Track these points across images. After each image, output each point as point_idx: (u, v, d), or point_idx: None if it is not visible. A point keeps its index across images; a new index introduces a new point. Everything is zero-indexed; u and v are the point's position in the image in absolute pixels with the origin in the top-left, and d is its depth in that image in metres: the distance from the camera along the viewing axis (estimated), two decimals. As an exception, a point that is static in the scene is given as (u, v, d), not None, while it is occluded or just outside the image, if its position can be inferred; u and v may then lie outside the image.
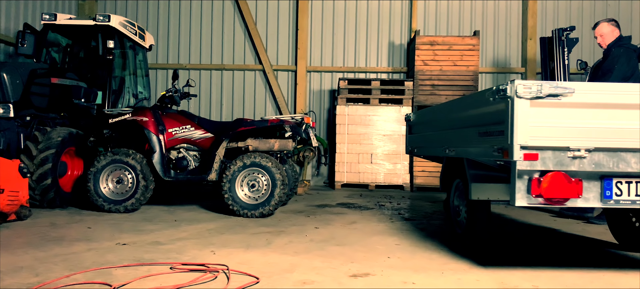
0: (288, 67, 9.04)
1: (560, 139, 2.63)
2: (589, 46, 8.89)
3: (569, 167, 2.63)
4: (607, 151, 2.63)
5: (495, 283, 2.67)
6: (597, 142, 2.62)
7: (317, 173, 8.96)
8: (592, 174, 2.67)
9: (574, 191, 2.62)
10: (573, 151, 2.63)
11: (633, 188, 2.67)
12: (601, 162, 2.63)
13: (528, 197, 2.66)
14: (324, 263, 3.08)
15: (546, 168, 2.63)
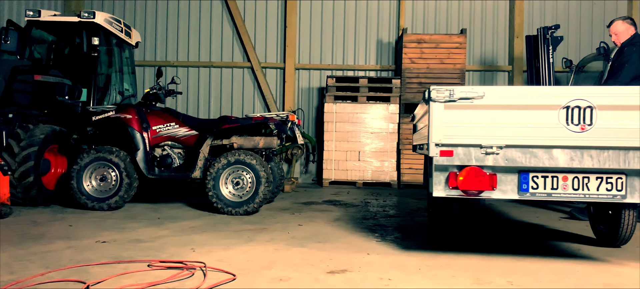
0: (276, 64, 9.03)
1: (473, 138, 2.90)
2: (575, 44, 8.96)
3: (485, 162, 2.89)
4: (518, 148, 2.86)
5: (470, 280, 2.70)
6: (509, 140, 2.86)
7: (306, 171, 8.97)
8: (509, 168, 2.90)
9: (488, 183, 2.89)
10: (485, 148, 2.88)
11: (549, 182, 2.87)
12: (514, 158, 2.87)
13: (446, 189, 2.96)
14: (303, 260, 3.10)
15: (463, 163, 2.91)
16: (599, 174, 2.83)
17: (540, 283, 2.64)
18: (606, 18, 9.02)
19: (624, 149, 2.76)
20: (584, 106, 2.78)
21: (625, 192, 2.81)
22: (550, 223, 4.67)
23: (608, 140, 2.76)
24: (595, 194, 2.84)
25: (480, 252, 3.38)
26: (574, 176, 2.86)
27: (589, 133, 2.77)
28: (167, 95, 5.68)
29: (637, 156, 2.74)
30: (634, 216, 3.36)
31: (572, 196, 2.88)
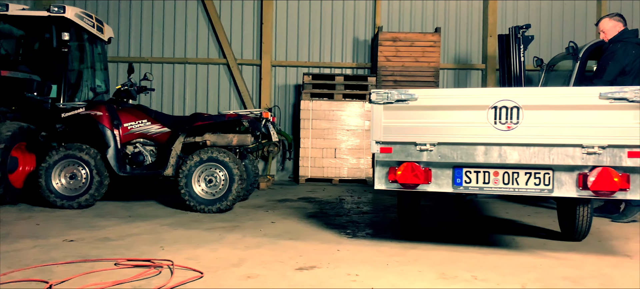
0: (253, 61, 8.99)
1: (409, 136, 3.17)
2: (547, 43, 9.15)
3: (421, 158, 3.15)
4: (450, 145, 3.08)
5: (436, 274, 2.74)
6: (441, 138, 3.09)
7: (282, 168, 8.96)
8: (444, 164, 3.13)
9: (424, 178, 3.13)
10: (420, 145, 3.13)
11: (481, 177, 3.08)
12: (447, 154, 3.10)
13: (386, 183, 3.23)
14: (273, 257, 3.10)
15: (401, 159, 3.18)
16: (527, 169, 2.99)
17: (503, 276, 2.70)
18: (576, 18, 9.24)
19: (548, 146, 2.91)
20: (511, 106, 2.96)
21: (552, 187, 2.96)
22: (521, 218, 4.77)
23: (533, 138, 2.93)
24: (524, 188, 3.01)
25: (449, 247, 3.44)
26: (504, 171, 3.03)
27: (514, 131, 2.95)
28: (139, 92, 5.61)
29: (562, 153, 2.89)
30: (588, 211, 3.46)
31: (503, 190, 3.05)
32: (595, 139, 2.84)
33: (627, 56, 4.60)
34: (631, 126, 2.79)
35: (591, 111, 2.87)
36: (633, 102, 2.77)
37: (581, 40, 8.80)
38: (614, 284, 2.59)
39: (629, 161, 2.80)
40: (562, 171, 2.95)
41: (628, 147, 2.80)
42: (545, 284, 2.57)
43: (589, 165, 2.88)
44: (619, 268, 2.92)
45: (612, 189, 2.80)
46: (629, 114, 2.79)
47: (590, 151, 2.85)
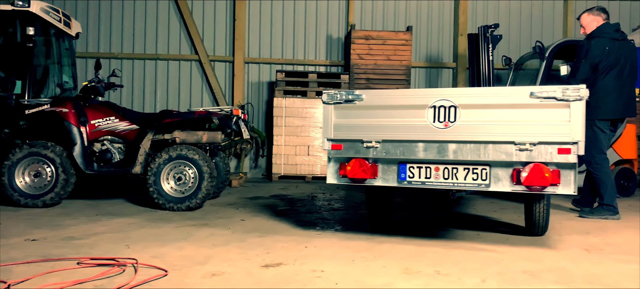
0: (225, 58, 8.93)
1: (356, 134, 3.36)
2: (516, 43, 9.34)
3: (368, 154, 3.33)
4: (394, 142, 3.26)
5: (400, 269, 2.78)
6: (386, 136, 3.27)
7: (255, 165, 8.93)
8: (389, 160, 3.31)
9: (371, 173, 3.31)
10: (366, 142, 3.31)
11: (423, 172, 3.25)
12: (391, 151, 3.28)
13: (338, 178, 3.44)
14: (240, 255, 3.10)
15: (350, 155, 3.37)
16: (466, 165, 3.14)
17: (464, 271, 2.76)
18: (544, 18, 9.46)
19: (483, 143, 3.06)
20: (448, 105, 3.12)
21: (489, 182, 3.09)
22: (488, 213, 4.87)
23: (469, 135, 3.08)
24: (463, 183, 3.16)
25: (416, 242, 3.49)
26: (444, 166, 3.20)
27: (451, 129, 3.11)
28: (107, 88, 5.52)
29: (496, 149, 3.03)
30: (544, 206, 3.56)
31: (443, 185, 3.21)
32: (527, 136, 2.97)
33: (598, 52, 4.58)
34: (560, 124, 2.91)
35: (523, 110, 3.00)
36: (561, 101, 2.90)
37: (549, 39, 9.04)
38: (570, 277, 2.67)
39: (559, 157, 2.92)
40: (498, 166, 3.08)
41: (558, 144, 2.92)
42: (504, 278, 2.64)
43: (522, 161, 3.00)
44: (576, 262, 3.02)
45: (544, 183, 2.92)
46: (558, 112, 2.92)
47: (522, 147, 2.97)
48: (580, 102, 2.87)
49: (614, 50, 4.61)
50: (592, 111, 4.62)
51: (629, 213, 5.07)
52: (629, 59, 4.69)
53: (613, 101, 4.65)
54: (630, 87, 4.75)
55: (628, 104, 4.74)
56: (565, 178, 2.95)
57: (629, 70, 4.69)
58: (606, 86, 4.64)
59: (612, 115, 4.68)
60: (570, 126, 2.90)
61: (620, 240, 3.71)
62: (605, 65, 4.61)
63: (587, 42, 4.71)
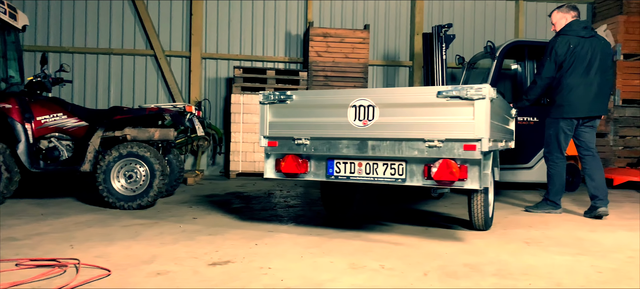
0: (182, 53, 8.79)
1: (289, 131, 3.57)
2: (470, 42, 9.59)
3: (300, 151, 3.52)
4: (322, 140, 3.46)
5: (346, 265, 2.83)
6: (314, 133, 3.47)
7: (213, 163, 8.84)
8: (319, 156, 3.50)
9: (302, 168, 3.52)
10: (297, 140, 3.51)
11: (348, 167, 3.43)
12: (319, 147, 3.47)
13: (274, 172, 3.65)
14: (188, 253, 3.08)
15: (285, 152, 3.58)
16: (384, 161, 3.31)
17: (409, 265, 2.83)
18: (497, 18, 9.75)
19: (398, 140, 3.22)
20: (366, 104, 3.30)
21: (405, 177, 3.26)
22: (440, 209, 5.00)
23: (385, 133, 3.25)
24: (382, 177, 3.33)
25: (366, 237, 3.55)
26: (366, 162, 3.37)
27: (369, 127, 3.29)
28: (55, 83, 5.34)
29: (409, 146, 3.20)
30: (480, 201, 3.68)
31: (366, 179, 3.38)
32: (436, 133, 3.12)
33: (562, 50, 4.54)
34: (465, 121, 3.05)
35: (432, 108, 3.15)
36: (466, 100, 3.04)
37: (502, 39, 9.33)
38: (508, 269, 2.78)
39: (465, 153, 3.06)
40: (413, 162, 3.24)
41: (463, 141, 3.06)
42: (446, 271, 2.72)
43: (432, 157, 3.14)
44: (515, 255, 3.15)
45: (452, 178, 3.07)
46: (463, 111, 3.06)
47: (431, 144, 3.12)
48: (483, 100, 3.00)
49: (580, 47, 4.52)
50: (557, 109, 4.67)
51: (572, 206, 5.30)
52: (598, 56, 4.56)
53: (578, 100, 4.57)
54: (600, 85, 4.60)
55: (595, 102, 4.59)
56: (472, 173, 3.09)
57: (599, 68, 4.57)
58: (571, 84, 4.57)
59: (576, 113, 4.61)
60: (475, 124, 3.03)
61: (559, 233, 3.89)
62: (571, 63, 4.54)
63: (553, 39, 4.68)
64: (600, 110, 4.65)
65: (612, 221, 4.50)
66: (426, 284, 2.49)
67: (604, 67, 4.62)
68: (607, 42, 4.74)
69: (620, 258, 3.09)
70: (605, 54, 4.63)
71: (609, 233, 3.93)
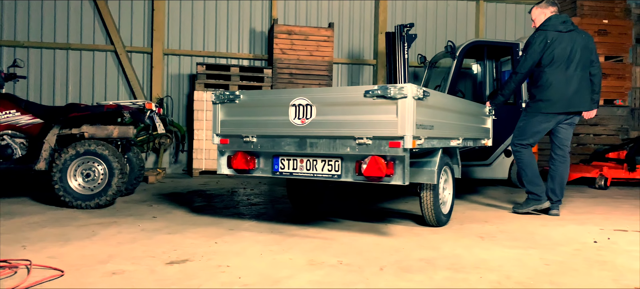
0: (143, 49, 8.62)
1: (239, 130, 3.75)
2: (433, 41, 9.78)
3: (249, 148, 3.70)
4: (267, 137, 3.62)
5: (305, 261, 2.86)
6: (260, 131, 3.65)
7: (175, 161, 8.72)
8: (266, 153, 3.68)
9: (251, 165, 3.70)
10: (244, 137, 3.70)
11: (291, 163, 3.61)
12: (265, 144, 3.64)
13: (227, 168, 3.81)
14: (145, 252, 3.04)
15: (235, 149, 3.75)
16: (323, 157, 3.47)
17: (366, 260, 2.88)
18: (458, 18, 9.97)
19: (332, 138, 3.37)
20: (305, 103, 3.46)
21: (341, 173, 3.41)
22: (404, 206, 5.09)
23: (321, 131, 3.41)
24: (320, 173, 3.49)
25: (327, 234, 3.59)
26: (307, 159, 3.54)
27: (307, 125, 3.45)
28: (8, 79, 5.16)
29: (342, 144, 3.33)
30: (429, 198, 3.78)
31: (307, 175, 3.54)
32: (365, 131, 3.24)
33: (539, 46, 4.48)
34: (390, 120, 3.17)
35: (361, 107, 3.27)
36: (389, 99, 3.15)
37: (463, 39, 9.55)
38: (461, 263, 2.87)
39: (391, 150, 3.18)
40: (347, 159, 3.39)
41: (389, 138, 3.17)
42: (401, 266, 2.79)
43: (363, 154, 3.27)
44: (469, 249, 3.25)
45: (380, 174, 3.18)
46: (388, 109, 3.17)
47: (361, 142, 3.25)
48: (405, 99, 3.11)
49: (558, 42, 4.45)
50: (535, 104, 4.60)
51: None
52: (579, 50, 4.47)
53: (557, 95, 4.48)
54: (580, 80, 4.51)
55: (575, 98, 4.49)
56: (399, 170, 3.20)
57: (580, 63, 4.49)
58: (549, 80, 4.49)
59: (554, 109, 4.52)
60: (398, 122, 3.14)
61: (513, 227, 4.03)
62: (549, 59, 4.47)
63: (531, 35, 4.62)
64: (579, 106, 4.54)
65: (563, 215, 4.69)
66: (381, 278, 2.54)
67: (586, 62, 4.52)
68: (589, 37, 4.61)
69: (567, 251, 3.23)
70: (587, 49, 4.53)
71: (559, 227, 4.10)
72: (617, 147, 8.31)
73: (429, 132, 3.44)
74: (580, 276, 2.66)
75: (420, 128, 3.27)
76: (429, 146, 3.47)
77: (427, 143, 3.42)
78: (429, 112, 3.44)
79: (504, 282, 2.52)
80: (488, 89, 7.89)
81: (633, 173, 7.54)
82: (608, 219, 4.54)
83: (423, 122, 3.33)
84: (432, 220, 3.91)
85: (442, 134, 3.72)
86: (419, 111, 3.26)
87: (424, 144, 3.34)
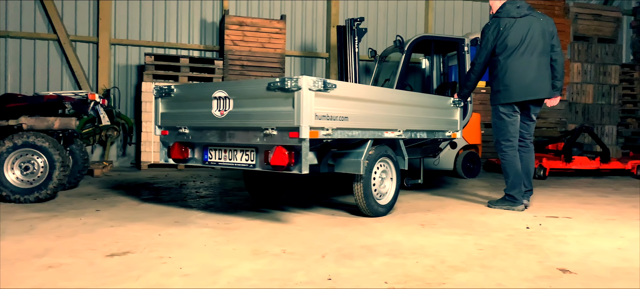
0: (89, 38, 8.33)
1: (174, 122, 3.97)
2: (384, 36, 9.95)
3: (183, 139, 3.93)
4: (196, 129, 3.84)
5: (249, 251, 2.89)
6: (191, 123, 3.85)
7: (123, 153, 8.50)
8: (198, 143, 3.89)
9: (185, 154, 3.92)
10: (180, 128, 3.90)
11: (217, 153, 3.80)
12: (195, 135, 3.85)
13: (166, 158, 4.03)
14: (86, 245, 2.98)
15: (173, 140, 3.99)
16: (241, 147, 3.64)
17: (310, 249, 2.95)
18: (408, 13, 10.19)
19: (245, 129, 3.54)
20: (223, 96, 3.62)
21: (255, 162, 3.57)
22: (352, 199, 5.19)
23: (237, 122, 3.57)
24: (240, 163, 3.66)
25: (273, 225, 3.63)
26: (229, 148, 3.72)
27: (226, 117, 3.62)
28: (-63, 67, 4.88)
29: (255, 134, 3.49)
30: (360, 188, 3.85)
31: (229, 164, 3.73)
32: (271, 122, 3.37)
33: (492, 34, 4.36)
34: (288, 111, 3.29)
35: (266, 99, 3.40)
36: (287, 91, 3.27)
37: (413, 33, 9.77)
38: (400, 249, 2.98)
39: (291, 140, 3.30)
40: (261, 149, 3.53)
41: (289, 129, 3.30)
42: (343, 253, 2.87)
43: (271, 144, 3.41)
44: (409, 236, 3.37)
45: (284, 163, 3.31)
46: (287, 101, 3.30)
47: (267, 133, 3.38)
48: (300, 91, 3.19)
49: (513, 29, 4.29)
50: (494, 96, 4.48)
51: (471, 190, 5.73)
52: (535, 35, 4.31)
53: (515, 84, 4.32)
54: (539, 66, 4.34)
55: (534, 85, 4.33)
56: (299, 159, 3.31)
57: (539, 48, 4.33)
58: (505, 67, 4.35)
59: (513, 98, 4.35)
60: (294, 113, 3.23)
61: (453, 216, 4.20)
62: (503, 46, 4.33)
63: (487, 25, 4.49)
64: (538, 93, 4.37)
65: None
66: (322, 265, 2.61)
67: (545, 47, 4.35)
68: (548, 20, 4.44)
69: (500, 237, 3.41)
70: (546, 33, 4.36)
71: (496, 215, 4.30)
72: (555, 140, 8.77)
73: (341, 123, 3.52)
74: (509, 259, 2.83)
75: (324, 119, 3.35)
76: (345, 136, 3.57)
77: (341, 134, 3.52)
78: (339, 103, 3.50)
79: (438, 266, 2.64)
80: (435, 83, 8.12)
81: (569, 164, 7.98)
82: (542, 207, 4.80)
83: (330, 114, 3.42)
84: (365, 210, 3.96)
85: (365, 125, 3.76)
86: (322, 102, 3.35)
87: (333, 134, 3.44)
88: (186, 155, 3.91)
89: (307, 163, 3.30)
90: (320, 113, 3.32)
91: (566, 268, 2.66)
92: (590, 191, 6.15)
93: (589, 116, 10.53)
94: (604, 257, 2.91)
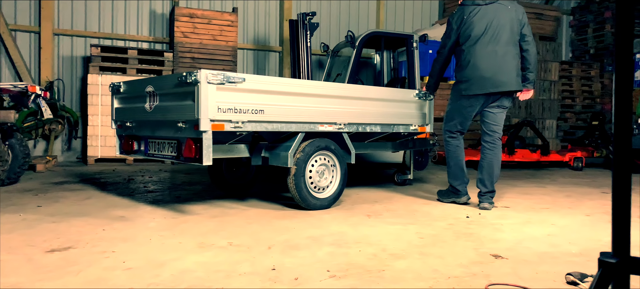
0: (30, 28, 7.98)
1: (123, 116, 4.26)
2: (336, 31, 10.05)
3: (131, 132, 4.20)
4: (137, 122, 4.09)
5: (195, 244, 2.90)
6: (134, 118, 4.10)
7: (68, 148, 8.22)
8: (140, 136, 4.11)
9: (132, 147, 4.18)
10: (127, 123, 4.19)
11: (154, 145, 3.97)
12: (137, 129, 4.12)
13: (120, 151, 4.36)
14: (25, 241, 2.90)
15: (123, 133, 4.30)
16: (167, 140, 3.79)
17: (256, 241, 2.98)
18: (360, 10, 10.33)
19: (167, 122, 3.67)
20: (152, 91, 3.80)
21: (177, 154, 3.68)
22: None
23: (161, 115, 3.73)
24: (167, 154, 3.82)
25: (221, 219, 3.63)
26: (159, 141, 3.90)
27: (153, 111, 3.80)
28: None
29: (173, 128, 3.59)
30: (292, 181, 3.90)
31: (159, 155, 3.91)
32: (183, 116, 3.46)
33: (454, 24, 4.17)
34: (190, 105, 3.35)
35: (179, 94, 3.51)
36: (190, 85, 3.32)
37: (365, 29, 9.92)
38: (345, 239, 3.07)
39: (197, 133, 3.39)
40: (181, 142, 3.60)
41: (193, 122, 3.38)
42: (289, 244, 2.92)
43: (184, 137, 3.53)
44: (356, 226, 3.47)
45: (191, 156, 3.43)
46: (191, 95, 3.35)
47: (180, 126, 3.50)
48: (199, 85, 3.26)
49: (478, 17, 4.06)
50: (456, 86, 4.28)
51: (418, 182, 5.91)
52: (502, 24, 4.07)
53: (478, 75, 4.08)
54: (505, 57, 4.08)
55: (498, 77, 4.07)
56: (204, 152, 3.38)
57: (506, 38, 4.08)
58: (469, 58, 4.12)
59: (476, 90, 4.11)
60: (195, 106, 3.30)
61: (398, 206, 4.34)
62: (467, 35, 4.10)
63: (451, 15, 4.27)
64: (505, 85, 4.09)
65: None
66: (267, 256, 2.65)
67: (513, 36, 4.11)
68: (518, 8, 4.18)
69: (441, 226, 3.57)
70: (515, 22, 4.10)
71: (440, 205, 4.48)
72: (499, 133, 9.14)
73: (255, 116, 3.57)
74: (447, 246, 2.97)
75: (230, 112, 3.42)
76: (263, 129, 3.65)
77: (256, 127, 3.60)
78: (251, 96, 3.55)
79: (380, 254, 2.74)
80: (386, 77, 8.29)
81: (512, 157, 8.36)
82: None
83: (239, 107, 3.48)
84: (299, 202, 3.99)
85: (290, 118, 3.78)
86: (228, 96, 3.41)
87: (245, 127, 3.52)
88: (133, 147, 4.13)
89: (209, 155, 3.37)
90: (225, 106, 3.39)
91: (499, 253, 2.82)
92: (529, 182, 6.48)
93: (531, 111, 11.03)
94: (535, 243, 3.10)
